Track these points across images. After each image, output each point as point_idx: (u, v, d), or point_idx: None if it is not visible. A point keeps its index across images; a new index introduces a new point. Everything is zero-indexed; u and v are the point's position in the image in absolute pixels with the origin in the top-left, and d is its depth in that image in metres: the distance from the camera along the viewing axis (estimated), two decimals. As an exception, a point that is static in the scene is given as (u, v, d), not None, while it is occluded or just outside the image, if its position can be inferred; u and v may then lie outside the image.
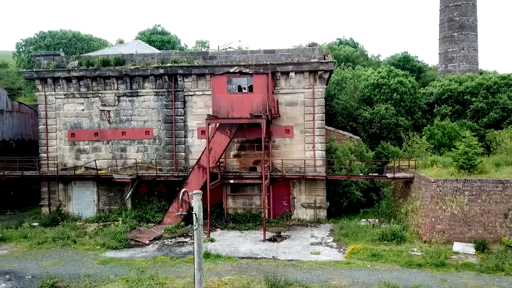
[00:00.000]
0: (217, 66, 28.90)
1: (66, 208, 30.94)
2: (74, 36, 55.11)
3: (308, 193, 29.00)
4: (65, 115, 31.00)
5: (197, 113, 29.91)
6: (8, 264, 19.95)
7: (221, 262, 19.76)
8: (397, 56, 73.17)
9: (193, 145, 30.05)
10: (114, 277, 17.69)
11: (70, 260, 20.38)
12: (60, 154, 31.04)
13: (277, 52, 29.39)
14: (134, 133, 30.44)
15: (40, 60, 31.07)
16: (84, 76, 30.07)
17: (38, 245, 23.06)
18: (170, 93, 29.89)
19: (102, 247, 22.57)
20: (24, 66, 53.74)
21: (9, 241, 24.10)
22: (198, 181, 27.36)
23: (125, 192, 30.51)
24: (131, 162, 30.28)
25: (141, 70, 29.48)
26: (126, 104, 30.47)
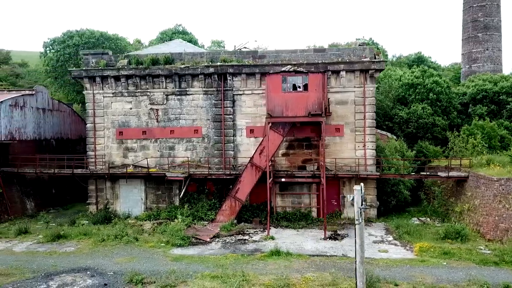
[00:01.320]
0: (267, 65, 29.02)
1: (114, 206, 31.07)
2: (102, 36, 55.25)
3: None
4: (113, 114, 31.13)
5: (246, 112, 30.03)
6: (82, 260, 20.07)
7: (294, 260, 19.86)
8: (411, 56, 73.45)
9: (242, 143, 30.15)
10: (195, 274, 17.77)
11: (141, 257, 20.48)
12: (108, 153, 31.18)
13: (328, 51, 29.53)
14: (182, 132, 30.56)
15: (88, 59, 31.22)
16: (133, 75, 30.20)
17: (101, 242, 23.18)
18: (219, 92, 30.01)
19: (166, 244, 22.67)
20: (52, 65, 53.94)
21: (70, 238, 24.22)
22: (251, 179, 27.48)
23: (173, 190, 30.67)
24: (179, 161, 30.40)
25: (191, 69, 29.61)
26: (174, 103, 30.59)
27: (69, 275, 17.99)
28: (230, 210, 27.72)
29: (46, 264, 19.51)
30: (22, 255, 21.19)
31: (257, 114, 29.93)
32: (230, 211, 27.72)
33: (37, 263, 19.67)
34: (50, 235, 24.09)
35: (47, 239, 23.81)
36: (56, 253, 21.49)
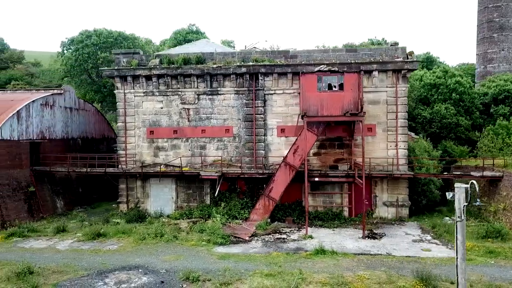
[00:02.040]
0: (300, 64, 29.15)
1: (144, 205, 31.23)
2: (119, 35, 55.44)
3: (390, 191, 29.21)
4: (144, 113, 31.28)
5: (277, 111, 30.16)
6: (130, 259, 20.20)
7: (340, 258, 19.98)
8: (420, 56, 73.59)
9: (273, 143, 30.28)
10: (247, 272, 17.89)
11: (187, 255, 20.61)
12: (139, 152, 31.33)
13: (359, 51, 29.65)
14: (213, 131, 30.70)
15: (119, 58, 31.37)
16: (165, 74, 30.35)
17: (142, 241, 23.33)
18: (250, 92, 30.14)
19: (208, 243, 22.80)
20: (71, 64, 54.09)
21: (109, 236, 24.36)
22: (285, 179, 27.62)
23: (204, 189, 30.82)
24: (210, 160, 30.55)
25: (223, 69, 29.75)
26: (205, 102, 30.74)
27: (122, 273, 18.12)
28: (263, 209, 27.86)
29: (95, 262, 19.64)
30: (68, 253, 21.32)
31: (288, 114, 30.07)
32: (264, 210, 27.84)
33: (86, 261, 19.80)
34: (90, 234, 24.23)
35: (87, 238, 23.95)
36: (101, 251, 21.63)
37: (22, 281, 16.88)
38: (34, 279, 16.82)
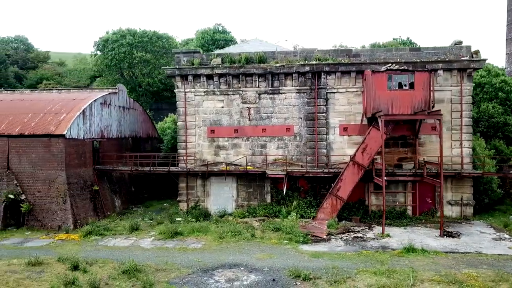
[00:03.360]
0: (364, 63, 29.20)
1: (204, 204, 31.31)
2: (154, 35, 55.52)
3: (455, 190, 29.23)
4: (204, 112, 31.35)
5: (339, 110, 30.20)
6: (223, 257, 20.25)
7: (432, 256, 20.02)
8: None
9: (335, 142, 30.32)
10: (350, 270, 17.93)
11: (278, 254, 20.66)
12: (199, 151, 31.40)
13: (423, 50, 29.65)
14: (274, 130, 30.75)
15: (179, 57, 31.44)
16: (226, 74, 30.42)
17: (221, 239, 23.39)
18: (312, 91, 30.18)
19: (289, 241, 22.85)
20: (107, 64, 54.17)
21: (185, 235, 24.42)
22: (353, 178, 27.65)
23: (265, 188, 30.88)
24: (271, 159, 30.60)
25: (286, 68, 29.81)
26: (266, 101, 30.79)
27: (226, 271, 18.17)
28: (331, 208, 27.89)
29: (190, 260, 19.69)
30: (156, 251, 21.40)
31: (350, 112, 30.11)
32: (331, 209, 27.88)
33: (180, 259, 19.86)
34: (167, 232, 24.30)
35: (165, 236, 24.02)
36: (188, 249, 21.70)
37: (134, 279, 16.94)
38: (145, 277, 16.87)
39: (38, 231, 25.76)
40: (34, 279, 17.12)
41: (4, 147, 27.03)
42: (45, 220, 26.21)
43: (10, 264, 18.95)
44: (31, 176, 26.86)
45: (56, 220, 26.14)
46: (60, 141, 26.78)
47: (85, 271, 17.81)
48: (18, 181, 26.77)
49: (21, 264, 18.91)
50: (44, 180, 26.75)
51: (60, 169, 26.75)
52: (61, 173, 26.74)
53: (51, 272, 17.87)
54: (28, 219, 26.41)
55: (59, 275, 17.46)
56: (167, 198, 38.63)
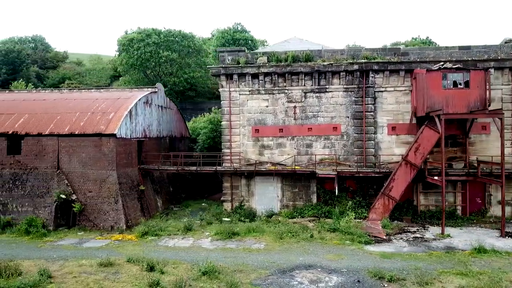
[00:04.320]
0: (414, 62, 28.89)
1: (249, 204, 31.00)
2: (179, 34, 55.23)
3: (507, 190, 28.82)
4: (249, 111, 31.06)
5: (387, 109, 29.89)
6: (293, 257, 19.94)
7: (506, 257, 19.69)
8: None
9: (383, 141, 30.00)
10: (431, 271, 17.61)
11: (346, 254, 20.35)
12: (244, 150, 31.11)
13: (473, 48, 29.30)
14: (320, 129, 30.44)
15: (224, 56, 31.17)
16: (272, 72, 30.14)
17: (280, 239, 23.10)
18: (360, 89, 29.87)
19: (352, 241, 22.55)
20: (132, 63, 53.83)
21: (242, 235, 24.11)
22: (406, 178, 27.33)
23: (310, 188, 30.56)
24: (317, 158, 30.28)
25: (334, 66, 29.51)
26: (312, 100, 30.49)
27: (304, 272, 17.87)
28: (383, 208, 27.57)
29: (261, 261, 19.38)
30: (220, 252, 21.11)
31: (399, 112, 29.80)
32: (383, 209, 27.56)
33: (251, 260, 19.54)
34: (224, 232, 24.02)
35: (223, 236, 23.73)
36: (252, 250, 21.40)
37: (216, 280, 16.64)
38: (228, 278, 16.58)
39: (90, 231, 25.46)
40: (113, 280, 16.83)
41: (54, 146, 26.76)
42: (97, 220, 25.93)
43: (81, 265, 18.66)
44: (81, 175, 26.59)
45: (108, 220, 25.86)
46: (111, 141, 26.51)
47: (162, 272, 17.51)
48: (69, 181, 26.49)
49: (93, 265, 18.62)
50: (95, 180, 26.48)
51: (111, 168, 26.48)
52: (112, 172, 26.47)
53: (127, 273, 17.58)
54: (79, 219, 26.12)
55: (136, 276, 17.19)
56: (200, 198, 38.48)
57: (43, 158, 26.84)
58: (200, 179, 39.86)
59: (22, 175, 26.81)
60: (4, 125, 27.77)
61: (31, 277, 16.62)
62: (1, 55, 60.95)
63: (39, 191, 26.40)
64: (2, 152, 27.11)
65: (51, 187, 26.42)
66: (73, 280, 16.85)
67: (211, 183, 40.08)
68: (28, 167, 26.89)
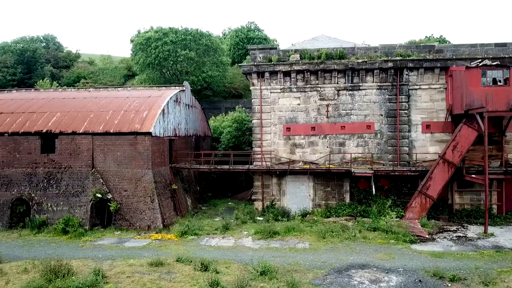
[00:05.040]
0: (450, 59, 28.56)
1: (280, 203, 30.69)
2: (197, 33, 54.93)
3: (543, 188, 28.58)
4: (280, 110, 30.76)
5: (421, 107, 29.56)
6: (343, 257, 19.65)
7: None
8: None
9: (417, 139, 29.68)
10: (487, 270, 17.31)
11: (398, 254, 20.05)
12: (275, 148, 30.81)
13: (509, 45, 28.95)
14: (353, 128, 30.13)
15: (255, 54, 30.87)
16: (305, 70, 29.84)
17: (323, 239, 22.81)
18: (394, 87, 29.57)
19: (396, 240, 22.26)
20: (150, 62, 53.52)
21: (282, 234, 23.82)
22: (443, 176, 27.03)
23: (343, 187, 30.23)
24: (349, 157, 29.97)
25: (368, 64, 29.20)
26: (345, 98, 30.19)
27: (360, 271, 17.59)
28: (420, 207, 27.28)
29: (312, 260, 19.11)
30: (266, 251, 20.82)
31: (433, 109, 29.47)
32: (420, 208, 27.27)
33: (301, 259, 19.24)
34: (264, 232, 23.75)
35: (264, 236, 23.45)
36: (298, 249, 21.13)
37: (275, 279, 16.36)
38: (289, 278, 16.29)
39: (127, 231, 25.19)
40: (169, 280, 16.54)
41: (89, 145, 26.49)
42: (133, 220, 25.66)
43: (131, 265, 18.37)
44: (116, 174, 26.33)
45: (144, 219, 25.59)
46: (146, 139, 26.24)
47: (217, 272, 17.22)
48: (104, 180, 26.22)
49: (143, 264, 18.32)
50: (130, 179, 26.20)
51: (146, 167, 26.21)
52: (148, 171, 26.20)
53: (181, 273, 17.29)
54: (115, 218, 25.85)
55: (192, 276, 16.91)
56: (224, 197, 38.20)
57: (78, 157, 26.57)
58: (224, 178, 39.62)
59: (56, 174, 26.54)
60: (37, 123, 27.51)
61: (86, 277, 16.34)
62: (17, 54, 60.69)
63: (74, 190, 26.14)
64: (35, 151, 26.85)
65: (86, 186, 26.15)
66: (128, 280, 16.57)
67: (234, 182, 39.84)
68: (62, 166, 26.63)
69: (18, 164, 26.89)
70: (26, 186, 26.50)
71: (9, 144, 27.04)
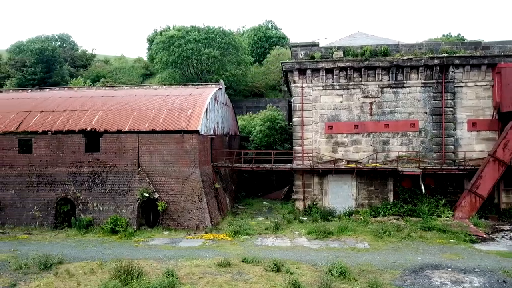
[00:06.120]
0: (498, 56, 28.18)
1: (322, 203, 30.25)
2: (220, 31, 54.49)
3: None
4: (322, 107, 30.32)
5: (467, 104, 29.11)
6: (410, 257, 19.20)
7: None
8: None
9: (462, 137, 29.22)
10: None
11: (463, 254, 19.61)
12: (316, 147, 30.37)
13: (558, 41, 28.53)
14: (397, 126, 29.68)
15: (296, 51, 30.45)
16: (348, 67, 29.41)
17: (380, 238, 22.40)
18: (439, 84, 29.11)
19: (456, 240, 21.83)
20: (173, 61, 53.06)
21: (336, 234, 23.38)
22: (493, 175, 26.59)
23: (387, 186, 29.77)
24: (393, 155, 29.53)
25: (414, 61, 28.75)
26: (389, 96, 29.74)
27: (435, 272, 17.14)
28: (470, 206, 26.82)
29: (381, 261, 18.64)
30: (327, 251, 20.38)
31: (479, 107, 29.01)
32: (470, 207, 26.81)
33: (370, 259, 18.77)
34: (318, 232, 23.31)
35: (319, 236, 23.00)
36: (360, 249, 20.67)
37: (353, 280, 15.93)
38: (372, 278, 15.87)
39: (175, 230, 24.75)
40: (244, 281, 16.11)
41: (134, 143, 26.07)
42: (181, 219, 25.23)
43: (197, 265, 17.95)
44: (162, 173, 25.89)
45: (193, 219, 25.15)
46: (193, 137, 25.81)
47: (290, 272, 16.79)
48: (150, 179, 25.80)
49: (209, 265, 17.90)
50: (177, 178, 25.77)
51: (193, 166, 25.77)
52: (195, 170, 25.77)
53: (253, 274, 16.86)
54: (162, 218, 25.42)
55: (266, 276, 16.47)
56: (254, 196, 37.78)
57: (123, 156, 26.14)
58: (256, 177, 39.21)
59: (101, 173, 26.12)
60: (80, 122, 27.09)
61: (161, 278, 15.91)
62: (36, 53, 60.27)
63: (120, 190, 25.71)
64: (79, 150, 26.43)
65: (132, 186, 25.72)
66: (202, 281, 16.14)
67: (265, 182, 39.44)
68: (107, 165, 26.21)
69: (61, 163, 26.47)
70: (70, 185, 26.07)
71: (52, 143, 26.62)
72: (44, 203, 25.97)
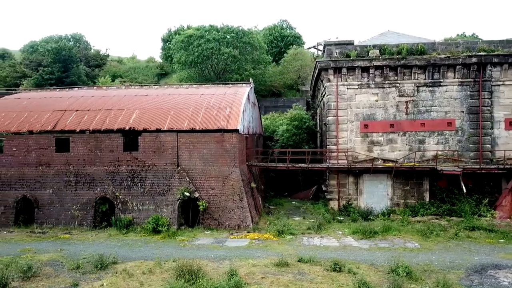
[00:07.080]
0: (537, 54, 27.90)
1: (356, 202, 30.04)
2: (239, 30, 54.30)
3: None
4: (357, 106, 30.11)
5: (505, 103, 28.88)
6: (466, 257, 19.01)
7: None
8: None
9: (499, 136, 28.99)
10: None
11: (519, 254, 19.42)
12: (351, 146, 30.16)
13: None
14: (434, 125, 29.46)
15: (331, 50, 30.26)
16: (384, 66, 29.20)
17: (427, 238, 22.22)
18: (476, 83, 28.89)
19: (505, 240, 21.68)
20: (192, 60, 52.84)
21: (381, 234, 23.19)
22: (535, 174, 26.36)
23: (423, 186, 29.52)
24: (429, 155, 29.32)
25: (451, 59, 28.54)
26: (425, 95, 29.51)
27: (499, 271, 16.94)
28: (510, 205, 26.62)
29: (439, 261, 18.43)
30: (378, 251, 20.20)
31: (517, 106, 28.82)
32: (511, 206, 26.58)
33: (427, 259, 18.58)
34: (363, 231, 23.15)
35: (365, 235, 22.83)
36: (412, 249, 20.48)
37: (421, 280, 15.72)
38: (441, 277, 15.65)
39: (217, 230, 24.56)
40: (309, 281, 15.89)
41: (174, 142, 25.88)
42: (222, 219, 25.04)
43: (255, 265, 17.74)
44: (202, 172, 25.70)
45: (233, 218, 24.96)
46: (233, 136, 25.63)
47: (354, 273, 16.58)
48: (189, 178, 25.60)
49: (267, 265, 17.71)
50: (217, 177, 25.58)
51: (233, 165, 25.59)
52: (235, 169, 25.58)
53: (314, 274, 16.65)
54: (203, 217, 25.23)
55: (329, 276, 16.28)
56: (281, 196, 37.65)
57: (162, 155, 25.96)
58: (283, 177, 39.04)
59: (140, 173, 25.94)
60: (117, 121, 26.92)
61: (227, 278, 15.71)
62: (53, 53, 60.14)
63: (160, 189, 25.53)
64: (118, 149, 26.25)
65: (172, 185, 25.54)
66: (266, 281, 15.94)
67: (292, 181, 39.27)
68: (146, 164, 26.03)
69: (100, 163, 26.29)
70: (109, 184, 25.90)
71: (90, 142, 26.45)
72: (83, 202, 25.79)
